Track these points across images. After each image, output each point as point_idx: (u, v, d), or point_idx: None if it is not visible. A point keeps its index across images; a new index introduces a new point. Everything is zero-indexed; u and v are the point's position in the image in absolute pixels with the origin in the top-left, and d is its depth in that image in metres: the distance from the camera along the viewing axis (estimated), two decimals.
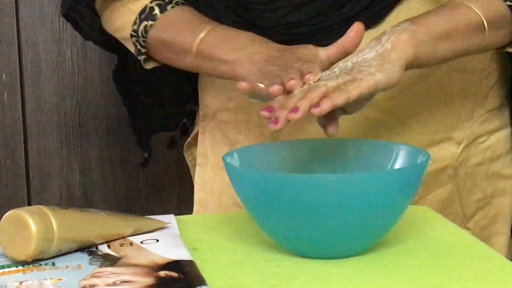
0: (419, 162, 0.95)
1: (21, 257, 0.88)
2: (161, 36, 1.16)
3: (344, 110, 1.01)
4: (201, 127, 1.31)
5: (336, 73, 0.99)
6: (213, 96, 1.27)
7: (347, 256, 0.92)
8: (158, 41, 1.17)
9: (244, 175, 0.94)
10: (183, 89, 1.38)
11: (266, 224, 0.94)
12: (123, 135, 1.69)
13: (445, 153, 1.22)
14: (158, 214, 1.04)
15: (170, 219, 1.03)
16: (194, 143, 1.35)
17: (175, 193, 1.74)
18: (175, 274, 0.85)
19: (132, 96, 1.40)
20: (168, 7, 1.17)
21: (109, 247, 0.94)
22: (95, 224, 0.95)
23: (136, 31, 1.17)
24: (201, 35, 1.12)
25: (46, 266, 0.88)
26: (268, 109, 0.95)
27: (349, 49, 1.02)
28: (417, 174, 0.92)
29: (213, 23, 1.14)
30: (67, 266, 0.88)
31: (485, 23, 1.09)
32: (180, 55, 1.15)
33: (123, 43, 1.22)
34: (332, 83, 0.96)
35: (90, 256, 0.91)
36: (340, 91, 0.95)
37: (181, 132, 1.45)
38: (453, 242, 0.98)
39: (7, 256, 0.90)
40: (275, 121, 0.93)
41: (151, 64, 1.21)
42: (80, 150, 1.69)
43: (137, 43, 1.18)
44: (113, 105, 1.68)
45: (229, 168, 0.95)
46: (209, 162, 1.30)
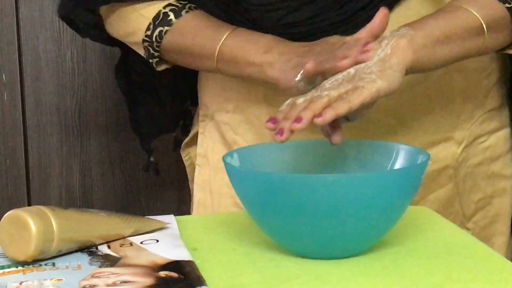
0: (419, 163, 0.95)
1: (21, 258, 0.88)
2: (178, 42, 1.16)
3: (347, 118, 1.01)
4: (201, 128, 1.31)
5: (339, 81, 0.99)
6: (212, 97, 1.27)
7: (347, 256, 0.92)
8: (175, 46, 1.17)
9: (244, 175, 0.94)
10: (181, 89, 1.38)
11: (266, 225, 0.94)
12: (123, 135, 1.69)
13: (445, 153, 1.22)
14: (158, 215, 1.04)
15: (170, 220, 1.03)
16: (192, 143, 1.35)
17: (175, 194, 1.73)
18: (175, 275, 0.85)
19: (132, 97, 1.40)
20: (183, 12, 1.17)
21: (109, 248, 0.94)
22: (95, 225, 0.95)
23: (150, 37, 1.17)
24: (222, 39, 1.12)
25: (46, 267, 0.88)
26: (273, 121, 0.97)
27: (378, 33, 1.04)
28: (417, 175, 0.92)
29: (231, 27, 1.14)
30: (67, 267, 0.88)
31: (484, 26, 1.08)
32: (199, 59, 1.15)
33: (133, 48, 1.22)
34: (335, 93, 0.97)
35: (90, 257, 0.91)
36: (343, 101, 0.96)
37: (182, 132, 1.45)
38: (453, 242, 0.98)
39: (7, 257, 0.90)
40: (280, 132, 0.95)
41: (163, 66, 1.22)
42: (80, 150, 1.68)
43: (150, 48, 1.18)
44: (113, 106, 1.67)
45: (229, 168, 0.95)
46: (209, 163, 1.30)
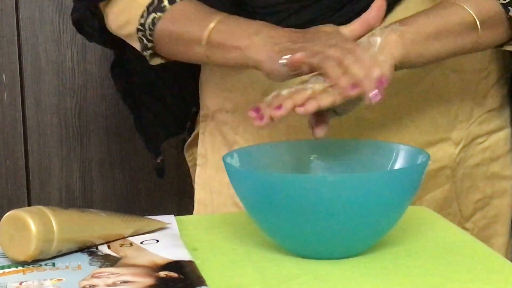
0: (419, 163, 0.96)
1: (21, 258, 0.88)
2: (170, 28, 1.15)
3: (335, 112, 1.01)
4: (201, 128, 1.31)
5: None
6: (212, 97, 1.27)
7: (347, 257, 0.92)
8: (166, 33, 1.15)
9: (244, 176, 0.94)
10: (186, 92, 1.38)
11: (266, 225, 0.94)
12: (123, 136, 1.69)
13: (443, 154, 1.22)
14: (158, 215, 1.04)
15: (170, 220, 1.03)
16: (195, 144, 1.35)
17: (175, 194, 1.73)
18: (175, 275, 0.85)
19: (135, 99, 1.39)
20: None
21: (109, 248, 0.94)
22: (95, 225, 0.95)
23: (143, 25, 1.16)
24: (212, 25, 1.10)
25: (46, 267, 0.88)
26: (256, 110, 0.97)
27: (374, 24, 1.04)
28: (417, 175, 0.92)
29: (223, 14, 1.12)
30: (67, 267, 0.88)
31: (478, 22, 1.08)
32: (189, 46, 1.13)
33: (127, 41, 1.22)
34: (319, 86, 0.97)
35: (90, 257, 0.91)
36: (327, 93, 0.96)
37: (188, 134, 1.44)
38: (453, 243, 0.98)
39: (7, 257, 0.90)
40: (260, 118, 0.96)
41: (157, 60, 1.20)
42: (80, 151, 1.69)
43: (144, 38, 1.17)
44: (113, 106, 1.67)
45: (229, 169, 0.95)
46: (209, 163, 1.30)
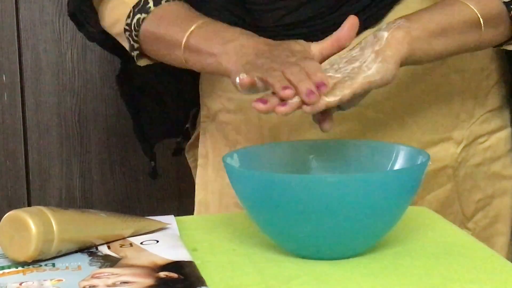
0: (419, 163, 0.95)
1: (21, 258, 0.88)
2: (153, 30, 1.15)
3: (339, 107, 1.01)
4: (202, 128, 1.31)
5: (329, 72, 0.99)
6: (214, 97, 1.27)
7: (347, 257, 0.92)
8: (150, 34, 1.15)
9: (244, 176, 0.93)
10: (186, 94, 1.38)
11: (266, 225, 0.94)
12: (123, 136, 1.69)
13: (444, 153, 1.22)
14: (158, 215, 1.04)
15: (170, 220, 1.03)
16: (196, 144, 1.35)
17: (175, 194, 1.73)
18: (175, 275, 0.85)
19: (135, 103, 1.39)
20: (163, 1, 1.16)
21: (109, 248, 0.94)
22: (95, 225, 0.95)
23: (130, 25, 1.16)
24: (191, 29, 1.10)
25: (46, 267, 0.88)
26: (262, 101, 0.95)
27: (344, 43, 1.02)
28: (417, 175, 0.92)
29: (205, 18, 1.12)
30: (67, 267, 0.88)
31: (481, 20, 1.08)
32: (170, 49, 1.13)
33: (118, 40, 1.22)
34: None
35: (90, 257, 0.91)
36: (333, 91, 0.95)
37: (184, 138, 1.44)
38: (453, 243, 0.98)
39: (7, 257, 0.90)
40: (263, 101, 0.94)
41: (144, 61, 1.20)
42: (80, 151, 1.69)
43: (130, 38, 1.17)
44: (113, 106, 1.68)
45: (229, 169, 0.95)
46: (210, 163, 1.30)
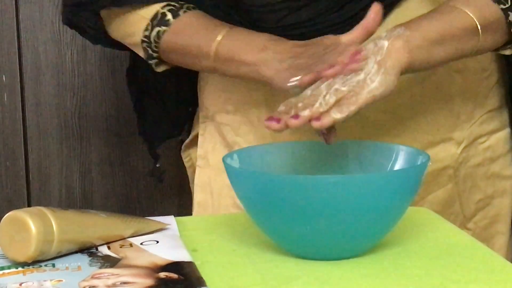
0: (419, 164, 0.95)
1: (21, 258, 0.88)
2: (176, 41, 1.16)
3: None
4: (201, 129, 1.31)
5: (336, 84, 0.99)
6: (212, 98, 1.27)
7: (347, 258, 0.92)
8: (172, 46, 1.16)
9: (244, 176, 0.93)
10: (185, 93, 1.38)
11: (266, 225, 0.94)
12: (123, 136, 1.69)
13: (445, 154, 1.22)
14: (158, 215, 1.04)
15: (170, 221, 1.03)
16: (192, 145, 1.35)
17: (175, 194, 1.73)
18: (175, 276, 0.85)
19: (139, 103, 1.40)
20: (180, 12, 1.16)
21: (109, 248, 0.94)
22: (95, 225, 0.95)
23: (148, 37, 1.17)
24: (218, 38, 1.11)
25: (46, 268, 0.88)
26: (271, 119, 0.98)
27: (372, 30, 1.05)
28: (417, 176, 0.92)
29: (228, 26, 1.13)
30: (67, 268, 0.88)
31: (479, 27, 1.09)
32: (196, 59, 1.14)
33: (132, 49, 1.22)
34: (332, 98, 0.97)
35: (90, 258, 0.91)
36: (340, 108, 0.97)
37: (187, 134, 1.44)
38: (453, 243, 0.98)
39: (7, 257, 0.90)
40: (277, 120, 0.97)
41: (163, 67, 1.21)
42: (80, 151, 1.68)
43: (149, 49, 1.18)
44: (113, 106, 1.67)
45: (229, 169, 0.95)
46: (209, 164, 1.30)
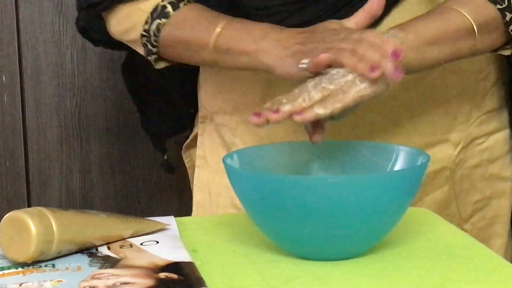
0: (419, 164, 0.96)
1: (21, 259, 0.88)
2: (175, 34, 1.15)
3: (332, 117, 1.01)
4: (200, 129, 1.31)
5: (323, 82, 0.98)
6: (211, 99, 1.27)
7: (347, 258, 0.92)
8: (172, 39, 1.16)
9: (244, 177, 0.94)
10: (189, 91, 1.38)
11: (266, 226, 0.94)
12: (123, 137, 1.69)
13: (442, 155, 1.22)
14: (158, 216, 1.04)
15: (170, 221, 1.03)
16: (193, 145, 1.35)
17: (175, 195, 1.73)
18: (175, 276, 0.85)
19: (141, 98, 1.40)
20: (181, 5, 1.16)
21: (109, 249, 0.94)
22: (95, 226, 0.95)
23: (148, 31, 1.17)
24: (218, 30, 1.11)
25: (46, 268, 0.88)
26: (256, 114, 0.97)
27: (376, 13, 1.05)
28: (417, 176, 0.92)
29: (228, 17, 1.13)
30: (67, 268, 0.88)
31: (475, 27, 1.08)
32: (196, 52, 1.14)
33: (131, 46, 1.22)
34: (318, 95, 0.96)
35: (90, 258, 0.91)
36: (324, 103, 0.95)
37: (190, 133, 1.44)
38: (453, 244, 0.98)
39: (7, 258, 0.90)
40: (258, 115, 0.96)
41: (162, 64, 1.21)
42: (80, 152, 1.69)
43: (148, 43, 1.17)
44: (113, 107, 1.68)
45: (229, 170, 0.95)
46: (208, 164, 1.30)
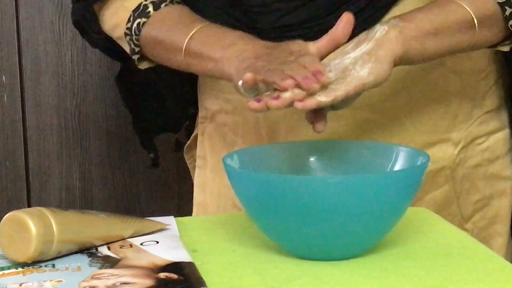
0: (419, 164, 0.95)
1: (21, 259, 0.88)
2: (153, 34, 1.15)
3: (332, 106, 1.01)
4: (200, 130, 1.31)
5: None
6: (212, 99, 1.27)
7: (347, 258, 0.92)
8: (150, 39, 1.16)
9: (244, 177, 0.94)
10: (186, 92, 1.38)
11: (266, 226, 0.94)
12: (123, 137, 1.69)
13: (442, 154, 1.22)
14: (158, 216, 1.04)
15: (170, 221, 1.03)
16: (195, 145, 1.35)
17: (175, 195, 1.73)
18: (175, 276, 0.85)
19: (135, 98, 1.40)
20: (162, 5, 1.16)
21: (109, 249, 0.94)
22: (95, 226, 0.95)
23: (130, 29, 1.17)
24: (191, 33, 1.10)
25: (46, 268, 0.88)
26: (257, 100, 0.96)
27: (340, 40, 1.02)
28: (417, 176, 0.92)
29: (204, 22, 1.12)
30: (67, 268, 0.88)
31: (475, 20, 1.08)
32: (171, 54, 1.13)
33: (119, 43, 1.22)
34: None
35: (90, 258, 0.91)
36: (326, 91, 0.96)
37: (186, 134, 1.44)
38: (453, 244, 0.98)
39: (7, 258, 0.90)
40: (258, 100, 0.95)
41: (145, 64, 1.21)
42: (80, 152, 1.69)
43: (131, 42, 1.18)
44: (113, 107, 1.68)
45: (229, 170, 0.95)
46: (208, 164, 1.30)
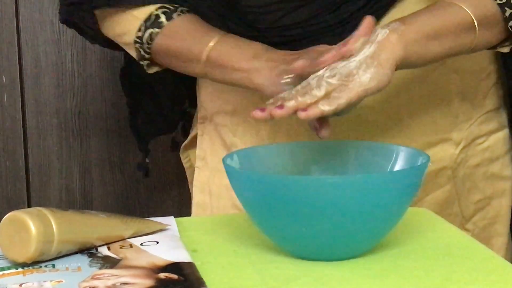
0: (419, 164, 0.95)
1: (21, 259, 0.88)
2: (168, 44, 1.16)
3: (336, 113, 1.01)
4: (200, 130, 1.31)
5: (325, 78, 0.98)
6: (211, 99, 1.27)
7: (347, 258, 0.92)
8: (164, 49, 1.16)
9: (244, 177, 0.94)
10: (180, 92, 1.38)
11: (266, 226, 0.94)
12: (123, 137, 1.69)
13: (443, 154, 1.22)
14: (158, 216, 1.04)
15: (170, 221, 1.03)
16: (191, 146, 1.35)
17: (175, 195, 1.73)
18: (175, 276, 0.85)
19: (133, 99, 1.40)
20: (174, 15, 1.16)
21: (109, 249, 0.94)
22: (95, 226, 0.95)
23: (141, 38, 1.17)
24: (211, 44, 1.11)
25: (46, 268, 0.88)
26: (261, 110, 0.98)
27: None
28: (417, 176, 0.92)
29: (221, 32, 1.14)
30: (67, 268, 0.88)
31: (475, 22, 1.08)
32: (187, 63, 1.15)
33: (124, 48, 1.22)
34: (321, 92, 0.97)
35: (90, 258, 0.91)
36: (329, 100, 0.96)
37: (182, 133, 1.45)
38: (453, 244, 0.98)
39: (7, 258, 0.90)
40: (261, 109, 0.97)
41: (154, 69, 1.21)
42: (80, 152, 1.69)
43: (141, 49, 1.18)
44: (113, 107, 1.68)
45: (229, 170, 0.95)
46: (208, 165, 1.30)
